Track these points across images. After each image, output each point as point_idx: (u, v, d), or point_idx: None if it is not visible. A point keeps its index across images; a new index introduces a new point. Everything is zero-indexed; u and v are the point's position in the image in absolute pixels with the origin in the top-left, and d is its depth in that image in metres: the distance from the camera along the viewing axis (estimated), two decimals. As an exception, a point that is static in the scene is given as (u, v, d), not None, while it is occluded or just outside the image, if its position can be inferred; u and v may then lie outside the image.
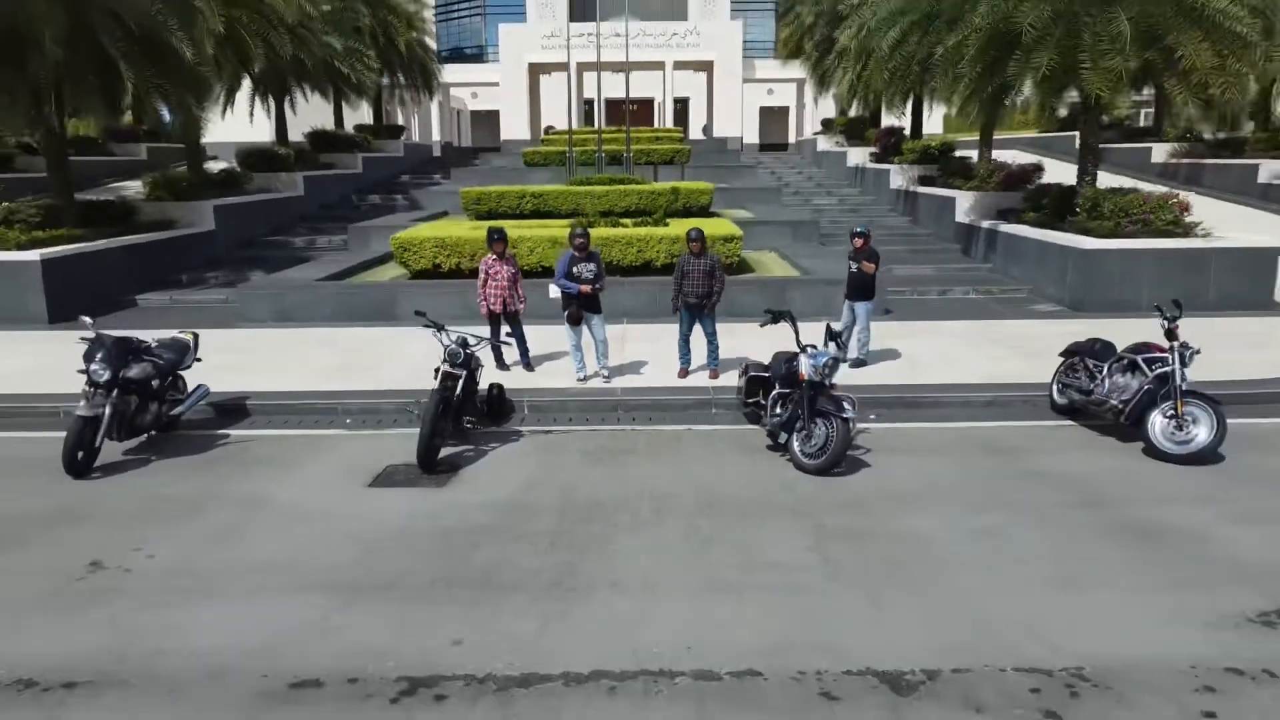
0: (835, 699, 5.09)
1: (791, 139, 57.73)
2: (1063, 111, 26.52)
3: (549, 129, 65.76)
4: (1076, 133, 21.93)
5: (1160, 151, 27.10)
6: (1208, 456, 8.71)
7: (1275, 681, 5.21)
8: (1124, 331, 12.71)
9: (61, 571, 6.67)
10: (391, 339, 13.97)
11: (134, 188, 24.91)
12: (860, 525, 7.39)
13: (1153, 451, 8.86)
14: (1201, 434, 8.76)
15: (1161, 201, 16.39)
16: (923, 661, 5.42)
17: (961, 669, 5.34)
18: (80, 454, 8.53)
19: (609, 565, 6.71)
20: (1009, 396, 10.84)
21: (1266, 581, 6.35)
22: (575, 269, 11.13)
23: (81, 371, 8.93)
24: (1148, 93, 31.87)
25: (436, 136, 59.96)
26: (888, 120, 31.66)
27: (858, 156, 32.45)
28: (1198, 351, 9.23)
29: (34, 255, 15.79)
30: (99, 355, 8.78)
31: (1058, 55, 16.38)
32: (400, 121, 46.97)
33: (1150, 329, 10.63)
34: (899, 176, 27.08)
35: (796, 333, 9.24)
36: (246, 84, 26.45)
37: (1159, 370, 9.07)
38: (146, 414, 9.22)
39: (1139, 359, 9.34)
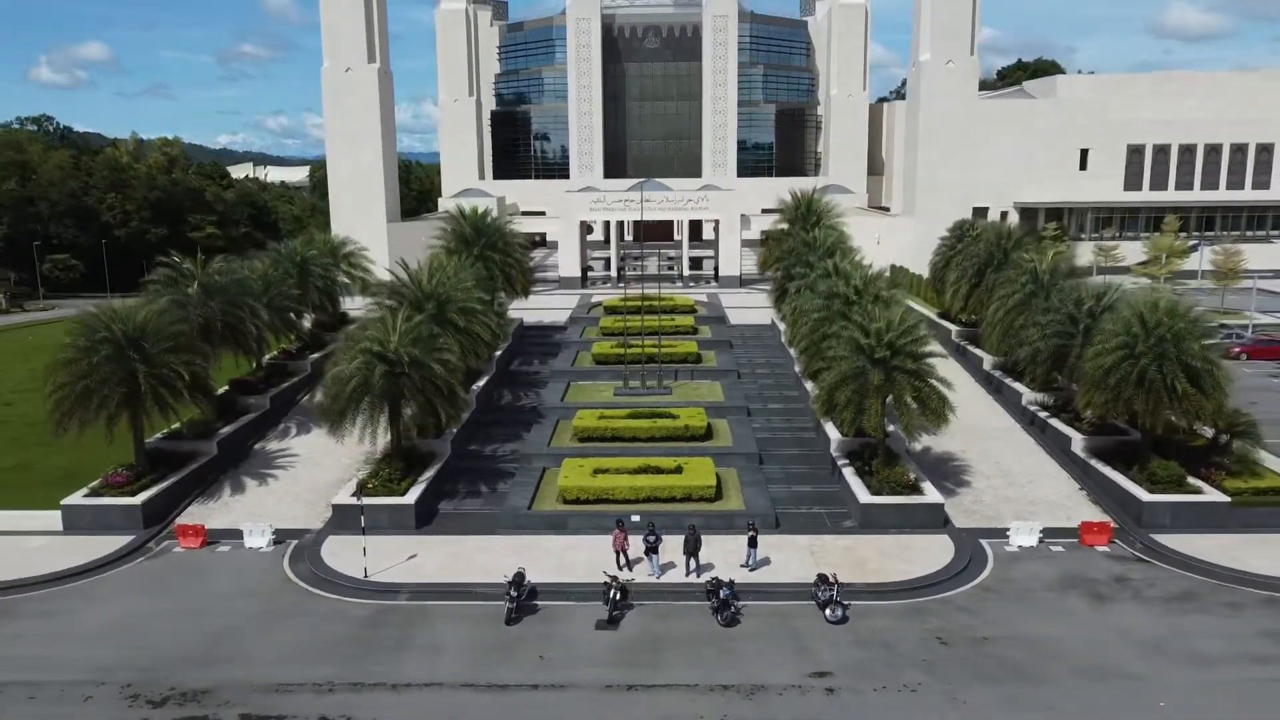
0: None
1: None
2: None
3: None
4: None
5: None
6: (844, 621, 29.25)
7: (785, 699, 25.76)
8: (873, 545, 33.33)
9: (530, 661, 27.36)
10: (569, 547, 34.69)
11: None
12: (732, 647, 27.97)
13: (825, 620, 29.36)
14: (840, 613, 29.33)
15: (900, 476, 36.90)
16: (753, 680, 26.02)
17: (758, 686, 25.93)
18: (511, 617, 29.32)
19: (663, 656, 27.34)
20: (799, 589, 31.33)
21: (826, 665, 26.84)
22: (648, 538, 31.94)
23: (504, 587, 29.66)
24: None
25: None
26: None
27: (800, 364, 52.77)
28: (844, 585, 29.84)
29: (410, 499, 36.68)
30: (513, 584, 29.60)
31: (853, 410, 37.08)
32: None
33: (889, 544, 31.40)
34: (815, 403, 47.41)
35: (720, 582, 29.83)
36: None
37: (832, 590, 29.62)
38: (522, 600, 30.02)
39: (826, 585, 29.89)
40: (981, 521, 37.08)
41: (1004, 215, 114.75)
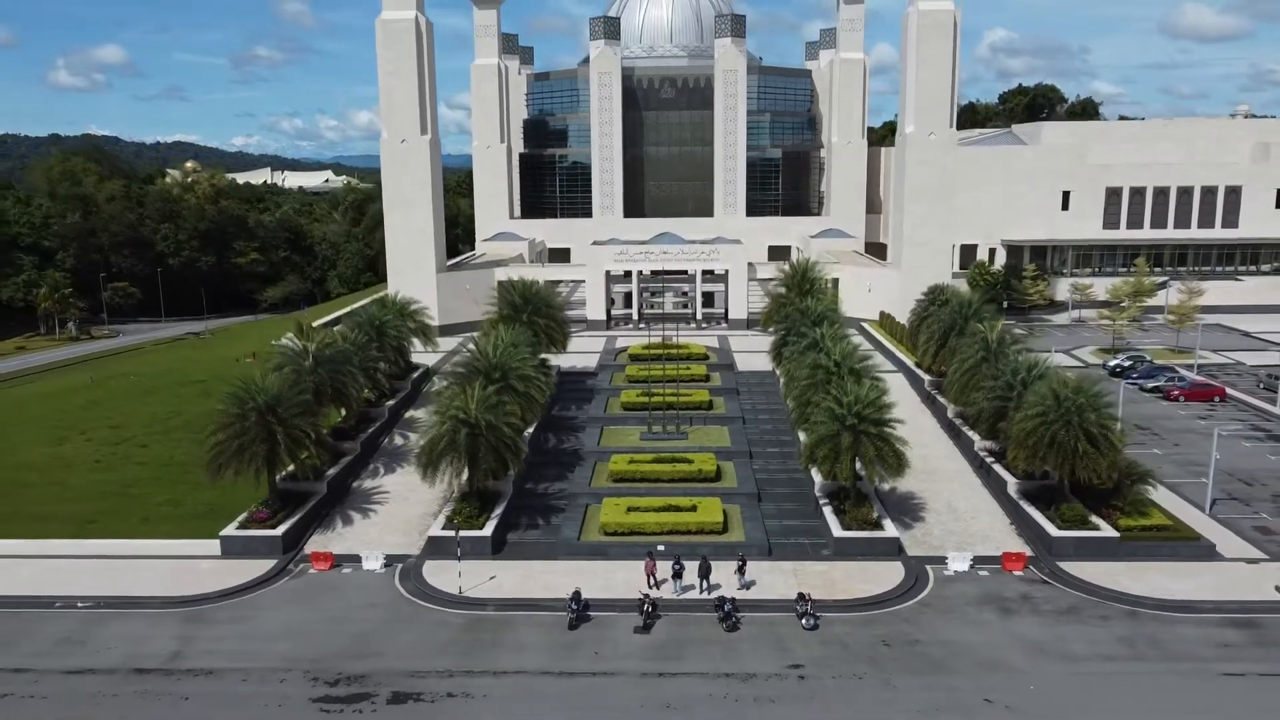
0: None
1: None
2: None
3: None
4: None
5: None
6: (815, 629, 40.04)
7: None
8: (842, 569, 44.30)
9: (589, 656, 38.26)
10: (611, 570, 45.62)
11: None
12: (733, 647, 38.82)
13: (801, 628, 40.15)
14: (813, 623, 40.15)
15: (866, 515, 47.65)
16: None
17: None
18: (572, 624, 40.26)
19: (684, 653, 38.20)
20: (784, 604, 42.12)
21: (800, 660, 37.62)
22: (674, 566, 42.91)
23: (566, 601, 40.59)
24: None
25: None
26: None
27: (793, 415, 63.44)
28: (817, 601, 40.68)
29: (487, 532, 47.73)
30: (573, 599, 40.53)
31: (830, 462, 47.87)
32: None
33: (855, 569, 42.26)
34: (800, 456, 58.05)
35: (725, 599, 40.72)
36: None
37: (807, 605, 40.46)
38: (579, 611, 40.97)
39: (803, 601, 40.73)
40: (929, 550, 47.74)
41: (992, 252, 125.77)
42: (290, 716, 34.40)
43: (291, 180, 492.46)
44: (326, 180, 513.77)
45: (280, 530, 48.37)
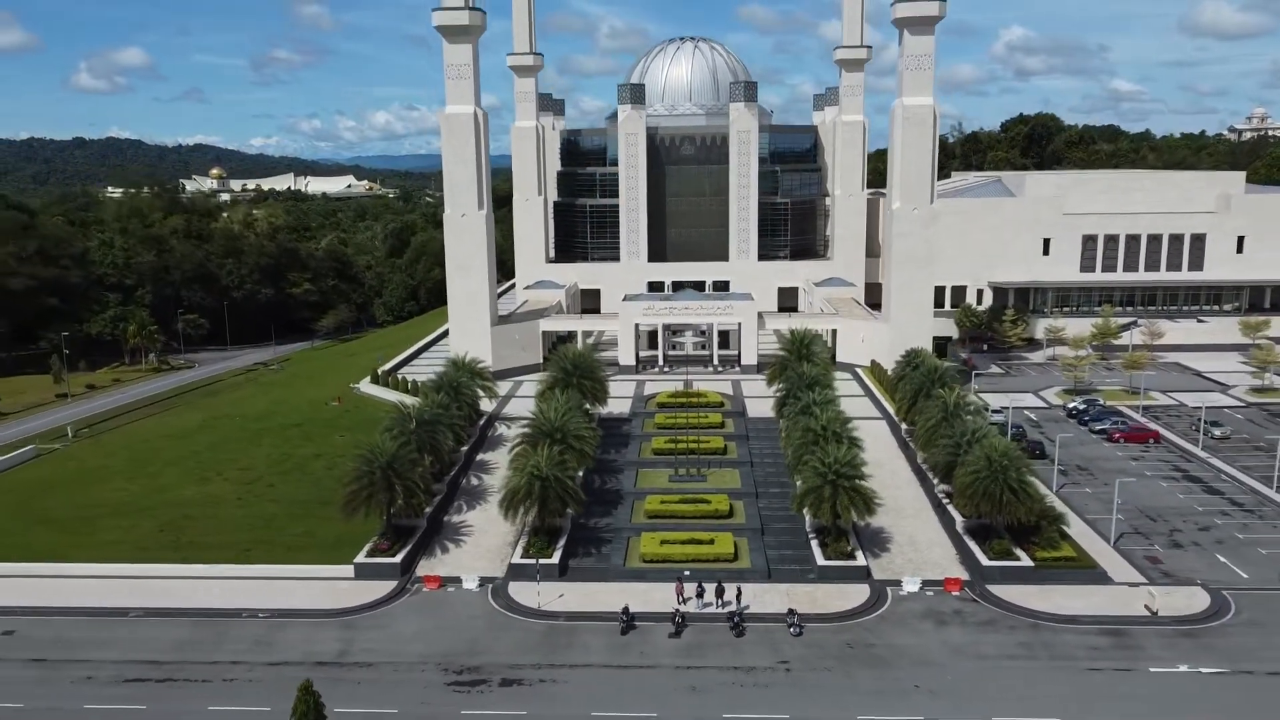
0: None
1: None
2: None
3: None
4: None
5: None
6: (800, 635, 55.11)
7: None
8: (824, 590, 59.70)
9: (637, 654, 53.54)
10: (649, 590, 60.85)
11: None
12: (739, 648, 53.97)
13: (790, 635, 55.21)
14: (798, 631, 55.23)
15: (843, 548, 62.64)
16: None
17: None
18: (624, 631, 55.57)
19: (704, 652, 53.39)
20: (778, 617, 57.19)
21: (787, 658, 52.75)
22: (701, 586, 58.21)
23: (618, 614, 55.90)
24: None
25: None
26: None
27: (790, 463, 78.44)
28: (802, 614, 55.83)
29: (555, 559, 63.15)
30: (623, 612, 55.82)
31: (814, 508, 63.10)
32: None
33: (833, 590, 57.09)
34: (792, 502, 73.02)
35: (734, 612, 55.94)
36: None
37: (795, 617, 55.54)
38: (629, 621, 56.26)
39: (791, 614, 55.80)
40: (890, 575, 62.62)
41: (980, 293, 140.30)
42: (434, 695, 49.91)
43: (314, 186, 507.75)
44: (349, 185, 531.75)
45: (398, 558, 63.93)
